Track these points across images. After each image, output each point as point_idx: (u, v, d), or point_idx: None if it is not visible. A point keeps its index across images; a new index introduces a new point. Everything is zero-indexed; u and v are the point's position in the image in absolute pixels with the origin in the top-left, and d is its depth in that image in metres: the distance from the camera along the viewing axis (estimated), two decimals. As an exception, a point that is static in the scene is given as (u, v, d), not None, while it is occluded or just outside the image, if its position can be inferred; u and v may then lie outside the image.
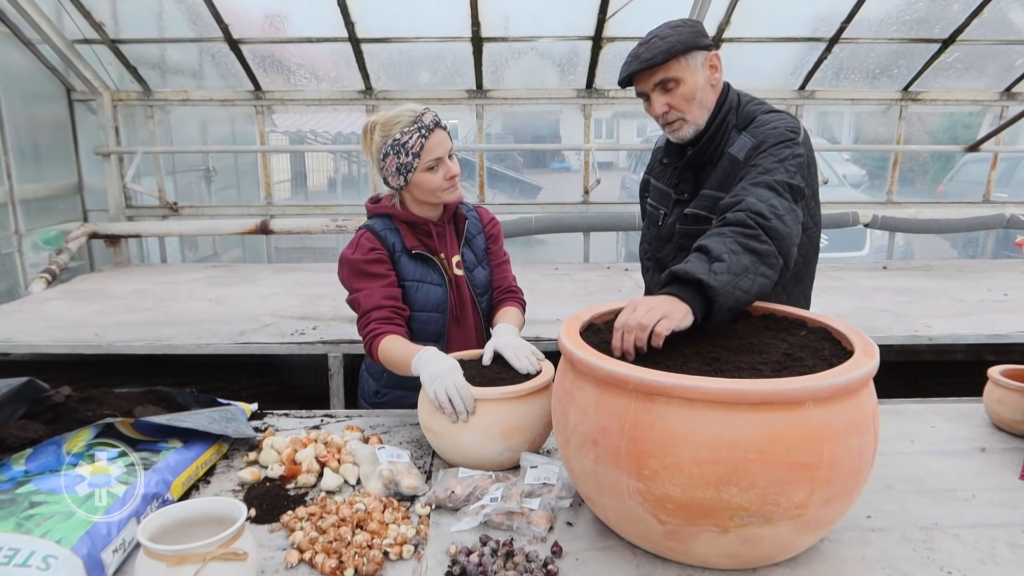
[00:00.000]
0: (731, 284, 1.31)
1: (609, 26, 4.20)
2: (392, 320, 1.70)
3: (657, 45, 1.62)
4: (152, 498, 1.26)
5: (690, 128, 1.70)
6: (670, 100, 1.66)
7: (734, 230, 1.41)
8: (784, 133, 1.61)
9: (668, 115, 1.68)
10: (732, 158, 1.66)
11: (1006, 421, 1.66)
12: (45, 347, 2.92)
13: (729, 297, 1.31)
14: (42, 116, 4.55)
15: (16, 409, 1.41)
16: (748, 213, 1.43)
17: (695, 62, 1.64)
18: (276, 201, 5.01)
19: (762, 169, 1.55)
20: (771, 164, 1.55)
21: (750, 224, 1.41)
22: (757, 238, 1.40)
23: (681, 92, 1.65)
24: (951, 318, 3.25)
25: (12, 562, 1.02)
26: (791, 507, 1.03)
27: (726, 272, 1.32)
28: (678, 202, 1.80)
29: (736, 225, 1.42)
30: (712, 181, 1.69)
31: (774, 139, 1.60)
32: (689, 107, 1.67)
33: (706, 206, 1.69)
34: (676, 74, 1.63)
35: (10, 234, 4.24)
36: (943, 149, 5.42)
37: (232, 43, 4.33)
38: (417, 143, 1.67)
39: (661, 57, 1.60)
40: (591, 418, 1.13)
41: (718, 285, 1.29)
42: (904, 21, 4.34)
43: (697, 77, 1.65)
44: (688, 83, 1.64)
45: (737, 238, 1.39)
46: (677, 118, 1.69)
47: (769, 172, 1.54)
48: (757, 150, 1.61)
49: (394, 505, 1.31)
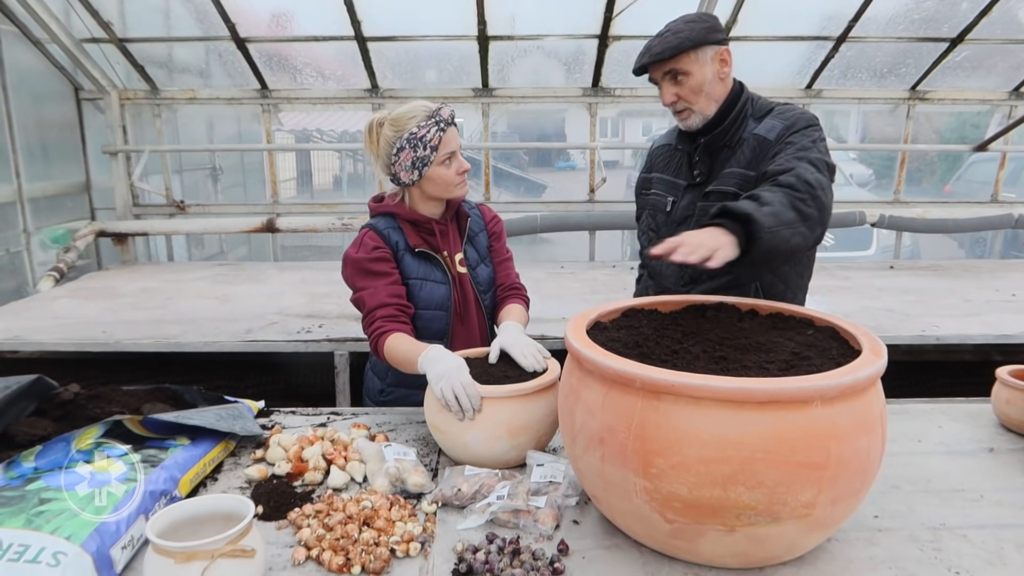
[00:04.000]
0: (776, 227, 1.41)
1: (615, 24, 4.19)
2: (397, 318, 1.70)
3: (668, 40, 1.69)
4: (160, 495, 1.26)
5: (697, 117, 1.77)
6: (679, 91, 1.74)
7: (784, 190, 1.50)
8: (812, 118, 1.73)
9: (676, 104, 1.76)
10: (760, 139, 1.73)
11: (1014, 421, 1.65)
12: (53, 345, 2.93)
13: (772, 238, 1.39)
14: (50, 115, 4.58)
15: (25, 406, 1.41)
16: (799, 179, 1.52)
17: (704, 56, 1.71)
18: (282, 200, 5.02)
19: (800, 147, 1.64)
20: (807, 143, 1.65)
21: (800, 188, 1.50)
22: (805, 202, 1.49)
23: (689, 84, 1.72)
24: (958, 318, 3.23)
25: (22, 558, 1.02)
26: (798, 506, 1.03)
27: (772, 216, 1.41)
28: (690, 186, 1.86)
29: (787, 187, 1.51)
30: (738, 160, 1.75)
31: (804, 122, 1.70)
32: (696, 98, 1.74)
33: (734, 183, 1.76)
34: (684, 67, 1.70)
35: (18, 232, 4.26)
36: (951, 149, 5.39)
37: (239, 42, 4.34)
38: (435, 137, 1.68)
39: (669, 52, 1.68)
40: (598, 416, 1.13)
41: (764, 223, 1.38)
42: (912, 20, 4.32)
43: (706, 71, 1.71)
44: (696, 76, 1.71)
45: (787, 195, 1.49)
46: (685, 108, 1.76)
47: (807, 150, 1.63)
48: (789, 130, 1.69)
49: (400, 503, 1.31)
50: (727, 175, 1.77)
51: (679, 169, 1.90)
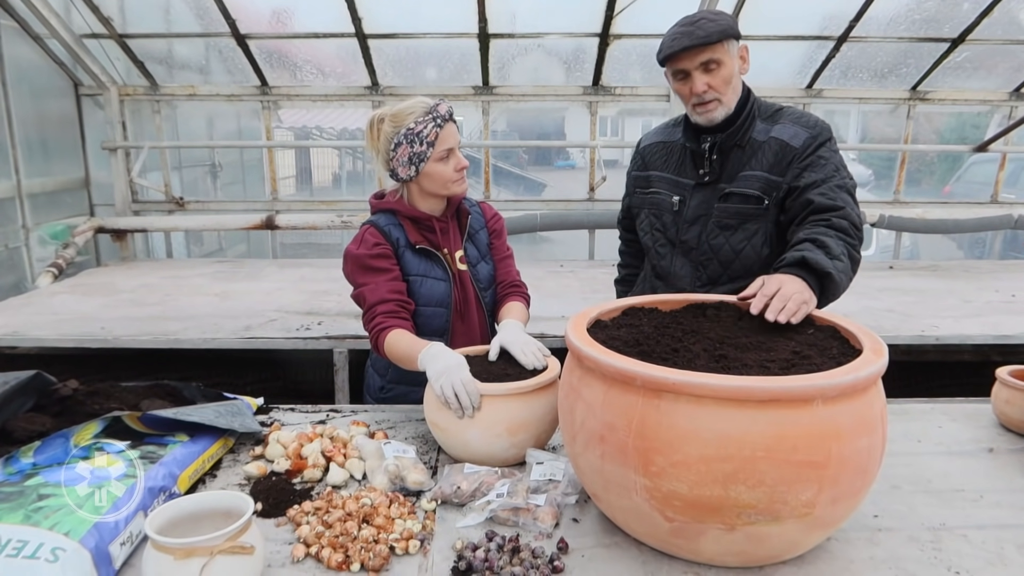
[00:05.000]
0: (844, 280, 1.56)
1: (616, 23, 4.18)
2: (398, 314, 1.70)
3: (708, 26, 1.69)
4: (159, 491, 1.26)
5: (722, 110, 1.76)
6: (711, 80, 1.73)
7: (840, 236, 1.61)
8: (828, 128, 1.77)
9: (707, 94, 1.74)
10: (784, 144, 1.74)
11: (1014, 422, 1.65)
12: (52, 341, 2.93)
13: (838, 290, 1.55)
14: (50, 111, 4.57)
15: (24, 402, 1.41)
16: (851, 224, 1.64)
17: (733, 49, 1.74)
18: (281, 197, 5.01)
19: (833, 168, 1.71)
20: (838, 162, 1.73)
21: (852, 235, 1.63)
22: (855, 248, 1.63)
23: (721, 75, 1.72)
24: (958, 318, 3.23)
25: (21, 554, 1.02)
26: (798, 506, 1.03)
27: (844, 274, 1.55)
28: (699, 185, 1.85)
29: (842, 232, 1.62)
30: (760, 163, 1.77)
31: (827, 133, 1.75)
32: (726, 89, 1.74)
33: (757, 186, 1.77)
34: (720, 56, 1.71)
35: (17, 228, 4.26)
36: (951, 149, 5.39)
37: (239, 38, 4.33)
38: (432, 132, 1.68)
39: (716, 36, 1.68)
40: (598, 415, 1.13)
41: (841, 282, 1.54)
42: (913, 20, 4.32)
43: (734, 64, 1.74)
44: (728, 67, 1.73)
45: (845, 243, 1.61)
46: (714, 98, 1.75)
47: (839, 173, 1.71)
48: (815, 140, 1.73)
49: (400, 500, 1.31)
50: (748, 177, 1.77)
51: (682, 167, 1.89)
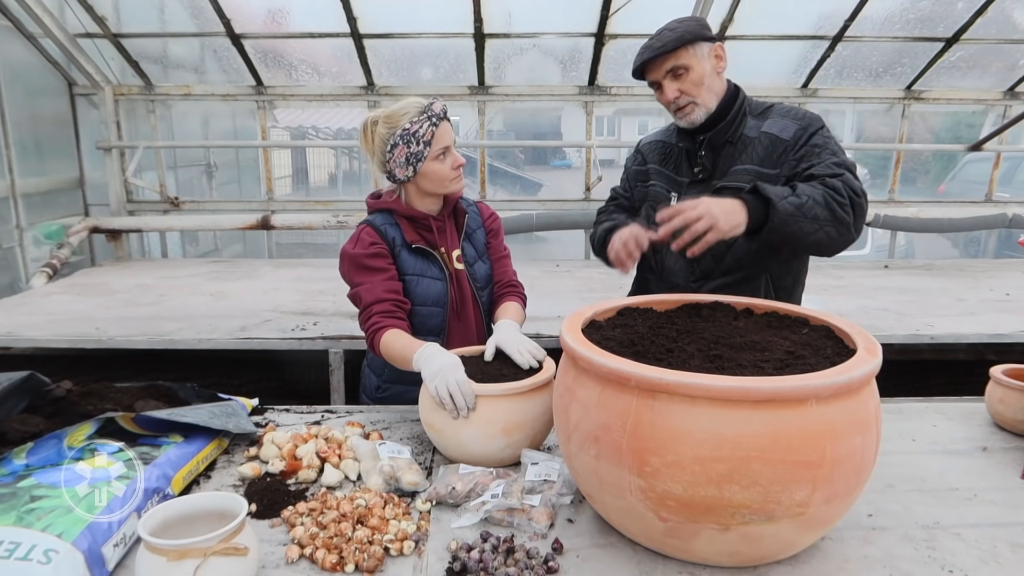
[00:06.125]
0: (796, 216, 1.51)
1: (612, 23, 4.19)
2: (394, 314, 1.70)
3: (667, 36, 1.74)
4: (153, 493, 1.26)
5: (701, 111, 1.78)
6: (680, 86, 1.77)
7: (827, 190, 1.57)
8: (819, 118, 1.77)
9: (680, 100, 1.78)
10: (774, 137, 1.76)
11: (1008, 420, 1.66)
12: (46, 341, 2.92)
13: (786, 224, 1.50)
14: (44, 110, 4.55)
15: (17, 403, 1.41)
16: (845, 185, 1.58)
17: (702, 51, 1.75)
18: (277, 196, 5.00)
19: (830, 152, 1.69)
20: (834, 146, 1.71)
21: (842, 192, 1.57)
22: (843, 206, 1.56)
23: (691, 78, 1.76)
24: (953, 317, 3.24)
25: (13, 556, 1.01)
26: (793, 505, 1.03)
27: (796, 207, 1.51)
28: (693, 183, 1.87)
29: (831, 189, 1.57)
30: (750, 157, 1.78)
31: (818, 123, 1.75)
32: (699, 91, 1.77)
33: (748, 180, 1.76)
34: (685, 61, 1.74)
35: (11, 228, 4.24)
36: (946, 148, 5.40)
37: (234, 38, 4.32)
38: (428, 132, 1.68)
39: (672, 44, 1.72)
40: (592, 415, 1.13)
41: (789, 214, 1.50)
42: (908, 20, 4.33)
43: (704, 65, 1.76)
44: (696, 70, 1.75)
45: (826, 194, 1.56)
46: (688, 102, 1.78)
47: (837, 155, 1.68)
48: (806, 131, 1.73)
49: (395, 501, 1.31)
50: (739, 172, 1.78)
51: (677, 166, 1.91)
